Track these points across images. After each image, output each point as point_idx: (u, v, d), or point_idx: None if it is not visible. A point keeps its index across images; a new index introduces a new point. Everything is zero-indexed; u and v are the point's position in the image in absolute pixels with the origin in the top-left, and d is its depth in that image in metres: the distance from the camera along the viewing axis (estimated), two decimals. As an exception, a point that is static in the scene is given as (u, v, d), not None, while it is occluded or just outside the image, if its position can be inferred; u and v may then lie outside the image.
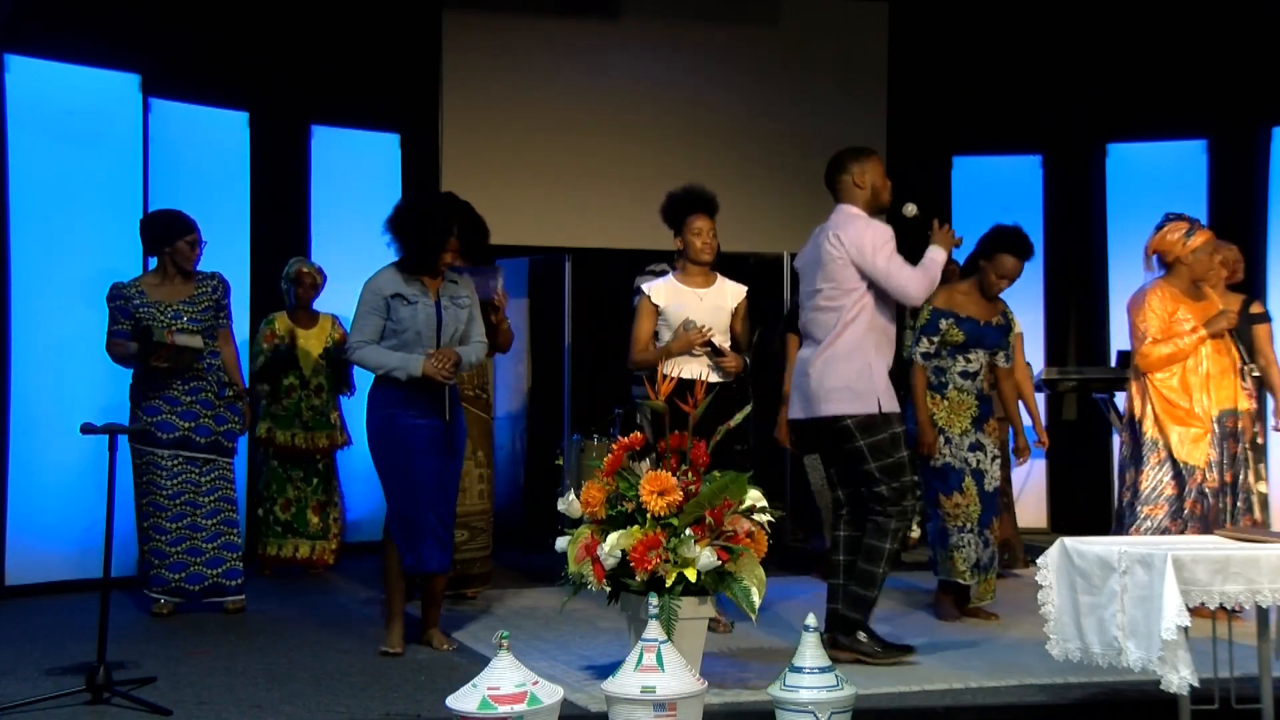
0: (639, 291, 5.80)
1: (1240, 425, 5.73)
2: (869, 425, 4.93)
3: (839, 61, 8.70)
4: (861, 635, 4.95)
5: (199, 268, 6.05)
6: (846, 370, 4.94)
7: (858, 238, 4.98)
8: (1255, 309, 6.14)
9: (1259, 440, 5.89)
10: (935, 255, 5.10)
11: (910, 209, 5.18)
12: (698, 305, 5.58)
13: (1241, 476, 5.71)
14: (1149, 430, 5.75)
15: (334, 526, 7.33)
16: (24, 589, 6.34)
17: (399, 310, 5.08)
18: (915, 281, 4.99)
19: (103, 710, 4.22)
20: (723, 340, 5.57)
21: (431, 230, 5.09)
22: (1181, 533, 5.54)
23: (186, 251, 5.96)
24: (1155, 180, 8.62)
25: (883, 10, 8.79)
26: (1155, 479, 5.70)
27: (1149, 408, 5.75)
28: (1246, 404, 5.75)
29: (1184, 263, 5.76)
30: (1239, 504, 5.67)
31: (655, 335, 5.65)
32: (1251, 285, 8.08)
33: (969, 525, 5.77)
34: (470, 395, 6.20)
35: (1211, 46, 8.38)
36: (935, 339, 5.85)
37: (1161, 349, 5.69)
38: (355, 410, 7.09)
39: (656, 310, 5.61)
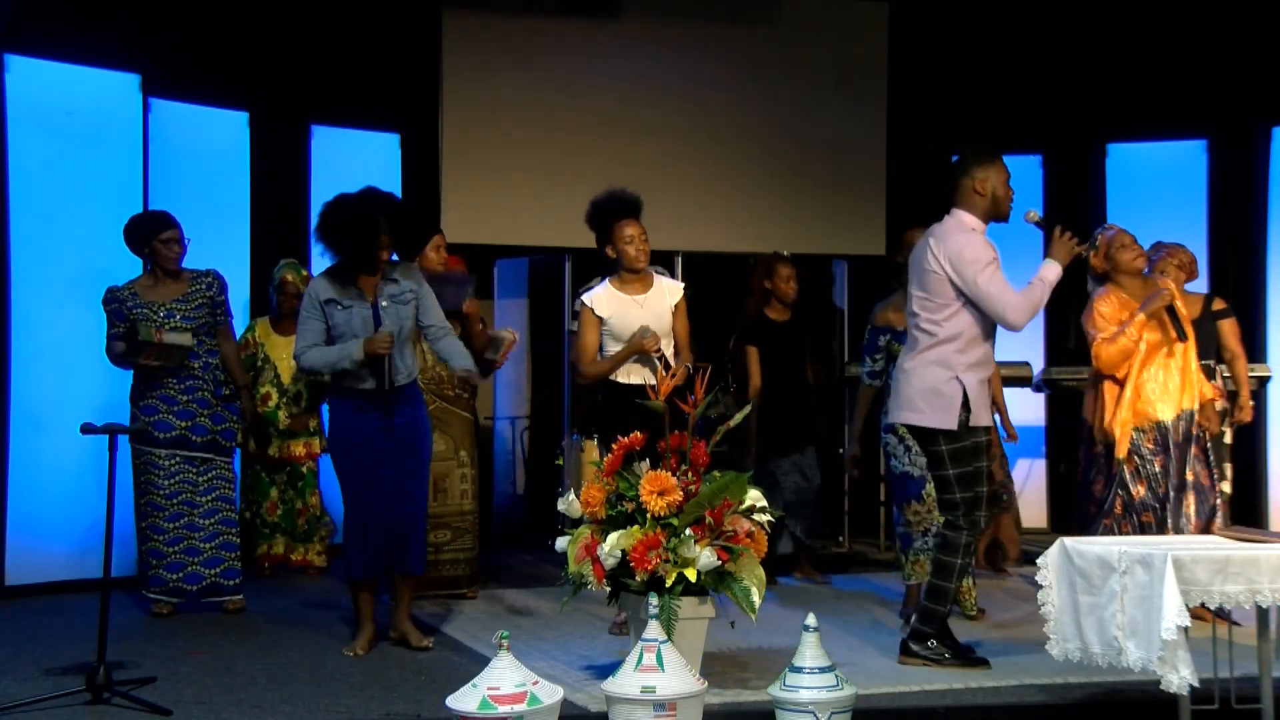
0: (581, 304, 5.69)
1: (1194, 426, 5.56)
2: (952, 431, 4.83)
3: (839, 61, 8.71)
4: (931, 642, 4.88)
5: (192, 266, 6.02)
6: (930, 380, 4.81)
7: (956, 255, 4.75)
8: (1217, 305, 6.08)
9: (1225, 438, 5.82)
10: (1046, 274, 4.83)
11: (1033, 215, 4.95)
12: (639, 312, 5.44)
13: (1193, 476, 5.52)
14: (1099, 435, 5.64)
15: (322, 530, 7.32)
16: (24, 589, 6.33)
17: (334, 315, 5.05)
18: (1015, 308, 4.76)
19: (103, 710, 4.23)
20: (667, 345, 5.47)
21: (360, 231, 4.99)
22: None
23: (164, 251, 5.91)
24: (1155, 180, 8.60)
25: (883, 10, 8.79)
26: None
27: (1106, 413, 5.62)
28: (1192, 404, 5.57)
29: (1111, 268, 5.68)
30: (1183, 504, 5.48)
31: (600, 347, 5.51)
32: (1252, 285, 8.12)
33: (931, 531, 5.69)
34: (451, 395, 6.19)
35: (1211, 46, 8.37)
36: (879, 356, 5.95)
37: (1112, 345, 5.59)
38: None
39: (600, 321, 5.48)
